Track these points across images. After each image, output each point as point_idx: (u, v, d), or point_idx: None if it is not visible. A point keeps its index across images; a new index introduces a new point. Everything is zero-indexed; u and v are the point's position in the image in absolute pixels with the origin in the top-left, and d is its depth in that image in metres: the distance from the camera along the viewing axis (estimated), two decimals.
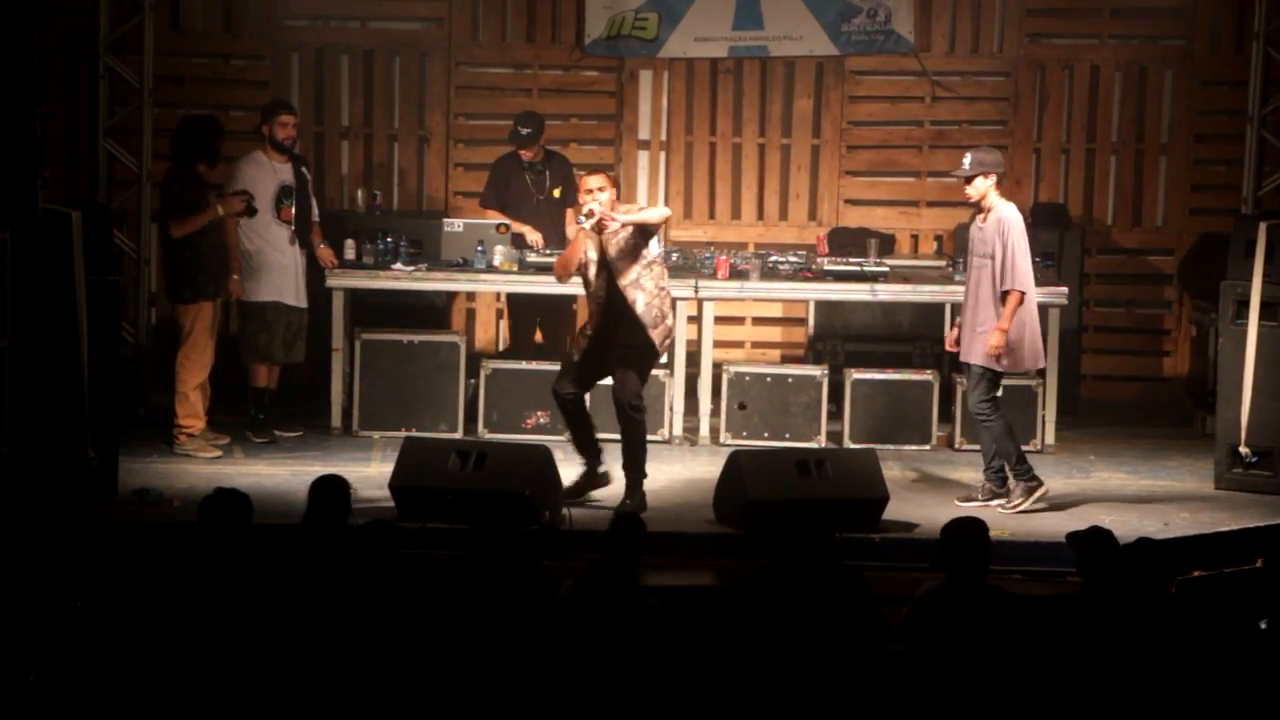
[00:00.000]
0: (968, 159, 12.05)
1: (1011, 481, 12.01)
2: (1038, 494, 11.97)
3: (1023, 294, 11.91)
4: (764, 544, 10.79)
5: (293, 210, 13.26)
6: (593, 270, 11.78)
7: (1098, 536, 8.89)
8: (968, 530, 8.83)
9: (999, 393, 12.13)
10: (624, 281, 11.71)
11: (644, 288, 11.71)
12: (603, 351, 11.85)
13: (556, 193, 14.16)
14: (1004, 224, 11.98)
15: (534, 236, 13.93)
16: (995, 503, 12.01)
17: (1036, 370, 13.74)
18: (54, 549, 10.18)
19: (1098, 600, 8.54)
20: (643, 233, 11.71)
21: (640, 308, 11.71)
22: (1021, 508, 11.86)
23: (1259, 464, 12.56)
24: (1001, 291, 11.90)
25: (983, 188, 12.02)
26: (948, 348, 12.42)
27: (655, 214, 11.86)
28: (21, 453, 10.75)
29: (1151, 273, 15.60)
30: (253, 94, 15.11)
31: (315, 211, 13.59)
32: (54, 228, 11.03)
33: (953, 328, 12.41)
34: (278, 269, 13.24)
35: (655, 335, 11.77)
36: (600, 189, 11.62)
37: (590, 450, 12.00)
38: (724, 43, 15.35)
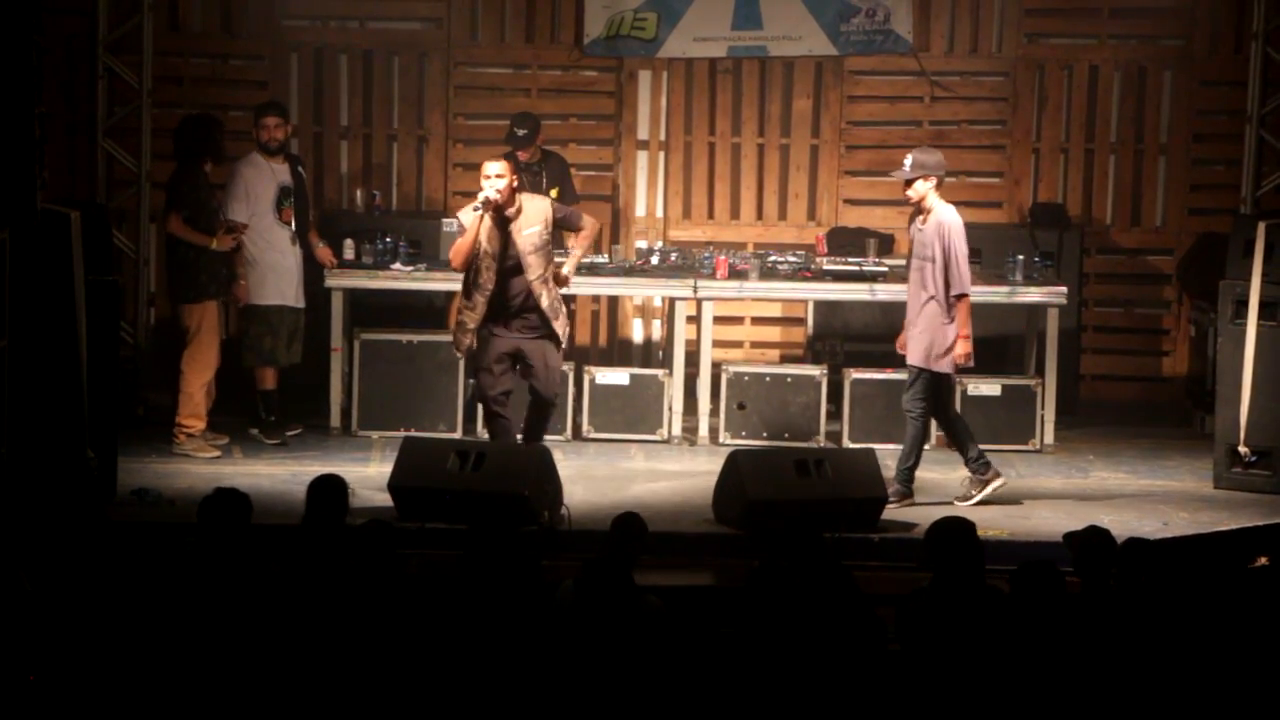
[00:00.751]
0: (908, 160, 12.08)
1: (894, 479, 12.01)
2: (905, 502, 12.00)
3: (964, 296, 11.94)
4: (756, 544, 10.84)
5: (293, 211, 13.27)
6: (485, 263, 11.76)
7: (1095, 536, 8.89)
8: (951, 530, 8.82)
9: (940, 395, 12.17)
10: (532, 277, 11.76)
11: (548, 283, 11.83)
12: (504, 344, 11.86)
13: (553, 193, 14.14)
14: (944, 227, 11.98)
15: None
16: (993, 487, 12.02)
17: (1035, 370, 13.80)
18: (56, 549, 10.18)
19: (1096, 600, 8.54)
20: (550, 230, 11.86)
21: (545, 303, 11.79)
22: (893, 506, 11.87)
23: (1258, 463, 12.57)
24: (954, 296, 11.89)
25: (923, 189, 12.03)
26: (899, 349, 12.39)
27: (591, 232, 12.21)
28: (21, 453, 10.75)
29: (1150, 273, 15.60)
30: (252, 94, 15.10)
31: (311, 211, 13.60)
32: (53, 228, 11.03)
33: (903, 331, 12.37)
34: (280, 271, 13.24)
35: (559, 328, 11.88)
36: (499, 175, 11.70)
37: None
38: (723, 43, 15.34)
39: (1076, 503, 12.19)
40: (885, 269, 13.83)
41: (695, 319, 13.83)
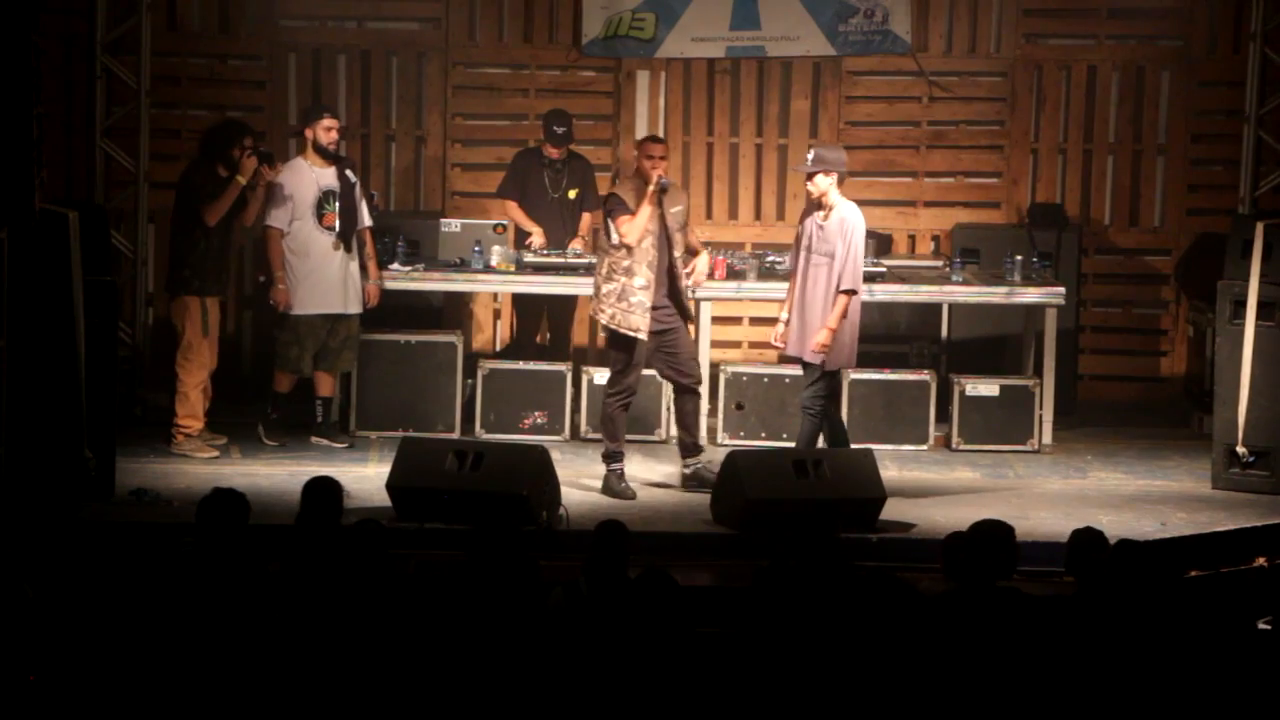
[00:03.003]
0: (810, 155, 12.09)
1: None
2: None
3: (854, 294, 11.98)
4: (757, 544, 10.84)
5: (335, 216, 13.08)
6: (649, 241, 12.07)
7: (1087, 537, 8.86)
8: (992, 534, 8.80)
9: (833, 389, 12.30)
10: (678, 253, 12.20)
11: (684, 262, 12.34)
12: (669, 325, 12.27)
13: (572, 194, 14.18)
14: (846, 224, 11.99)
15: (536, 236, 13.96)
16: None
17: (1034, 370, 13.79)
18: (51, 549, 10.19)
19: (1091, 600, 8.54)
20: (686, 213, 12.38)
21: (682, 283, 12.25)
22: None
23: (1256, 464, 12.56)
24: (842, 290, 11.91)
25: (824, 185, 12.03)
26: (774, 341, 12.43)
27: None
28: (19, 453, 10.75)
29: (1149, 273, 15.60)
30: (250, 94, 15.12)
31: (366, 217, 13.33)
32: (51, 228, 11.03)
33: (783, 324, 12.33)
34: (317, 278, 13.01)
35: (689, 307, 12.38)
36: (663, 157, 12.20)
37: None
38: (721, 43, 15.34)
39: (1074, 503, 12.18)
40: (884, 269, 13.83)
41: (694, 319, 13.81)
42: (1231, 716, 8.30)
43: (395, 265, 13.68)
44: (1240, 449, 12.56)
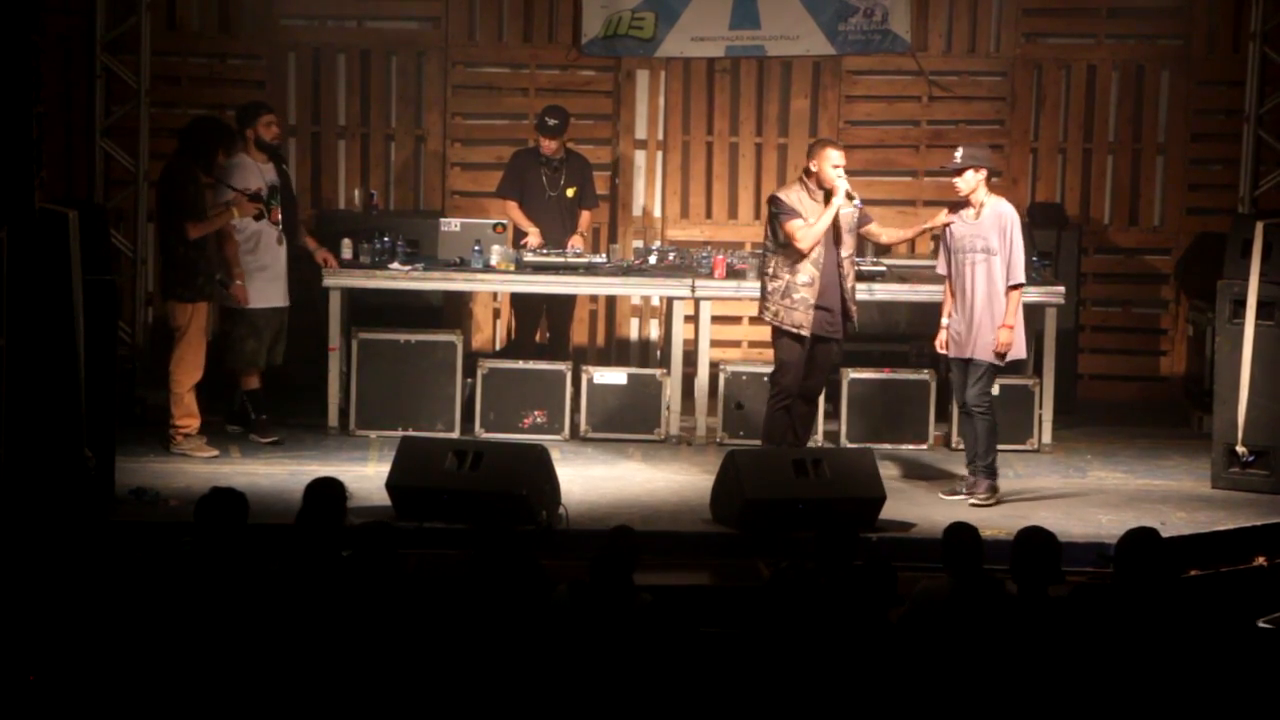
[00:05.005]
0: (959, 153, 12.15)
1: (980, 475, 12.12)
2: (997, 497, 12.13)
3: (1022, 286, 12.08)
4: (755, 544, 10.84)
5: (279, 210, 13.18)
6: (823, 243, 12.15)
7: (1140, 536, 8.85)
8: (1035, 540, 8.81)
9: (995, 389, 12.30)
10: (845, 253, 12.22)
11: (854, 264, 12.40)
12: (831, 336, 12.27)
13: (570, 192, 14.17)
14: (1005, 219, 12.08)
15: (533, 236, 13.95)
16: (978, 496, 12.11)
17: (1033, 369, 13.80)
18: (53, 549, 10.19)
19: (1136, 599, 8.54)
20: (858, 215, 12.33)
21: (849, 284, 12.28)
22: (987, 503, 12.01)
23: (1255, 463, 12.56)
24: (1012, 285, 11.98)
25: (973, 181, 12.09)
26: (940, 349, 12.39)
27: None
28: (19, 452, 10.75)
29: (1148, 272, 15.60)
30: (249, 93, 15.10)
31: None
32: (51, 227, 11.02)
33: (944, 330, 12.35)
34: (269, 273, 13.13)
35: (853, 314, 12.34)
36: (841, 165, 12.12)
37: None
38: (721, 42, 15.35)
39: (1074, 503, 12.18)
40: (883, 268, 13.84)
41: (693, 318, 13.83)
42: (1231, 716, 8.30)
43: (395, 264, 13.68)
44: (1240, 448, 12.56)
